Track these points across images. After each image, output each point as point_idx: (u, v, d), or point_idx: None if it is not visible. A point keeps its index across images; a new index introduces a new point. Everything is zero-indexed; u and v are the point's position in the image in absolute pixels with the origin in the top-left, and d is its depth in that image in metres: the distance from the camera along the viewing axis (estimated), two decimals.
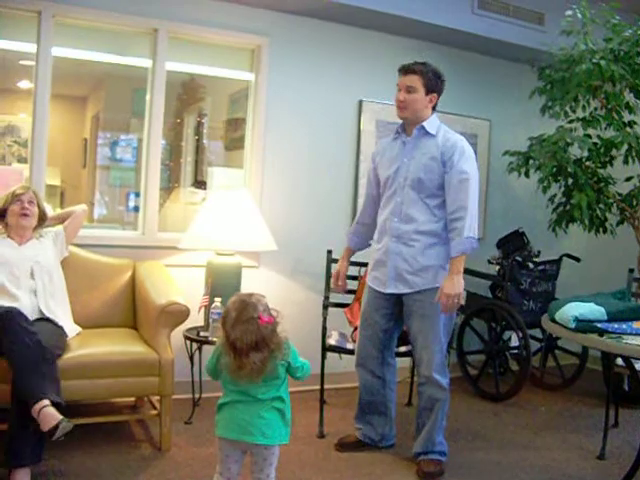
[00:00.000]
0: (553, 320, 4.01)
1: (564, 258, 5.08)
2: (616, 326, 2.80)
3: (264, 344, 2.40)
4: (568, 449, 3.83)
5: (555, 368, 5.00)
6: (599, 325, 2.85)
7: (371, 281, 3.60)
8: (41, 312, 3.35)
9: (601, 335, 2.79)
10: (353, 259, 3.82)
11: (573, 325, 2.84)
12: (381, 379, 3.65)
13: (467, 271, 4.56)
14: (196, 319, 3.86)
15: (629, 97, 4.58)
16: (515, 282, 4.88)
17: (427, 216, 3.40)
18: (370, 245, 3.72)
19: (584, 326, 2.82)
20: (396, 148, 3.54)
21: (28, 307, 3.28)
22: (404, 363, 4.17)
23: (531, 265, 5.02)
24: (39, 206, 3.58)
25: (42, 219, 3.61)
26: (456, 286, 3.27)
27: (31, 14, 4.02)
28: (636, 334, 2.73)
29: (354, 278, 3.95)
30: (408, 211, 3.41)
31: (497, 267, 5.04)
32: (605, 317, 2.87)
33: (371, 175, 3.71)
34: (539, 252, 5.05)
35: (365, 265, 3.82)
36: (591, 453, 3.75)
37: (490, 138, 5.42)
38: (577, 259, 5.13)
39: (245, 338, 2.38)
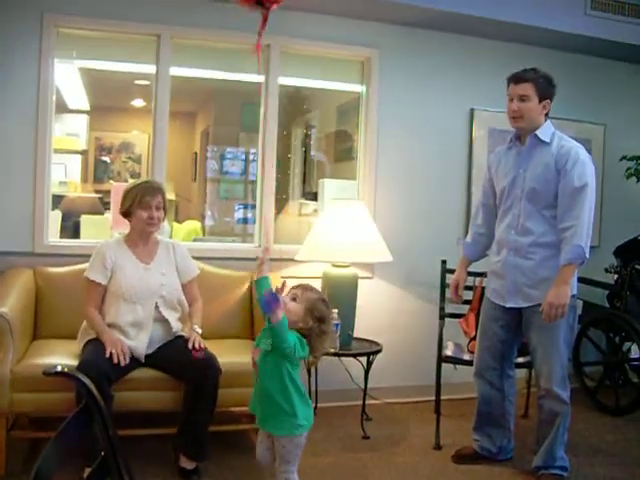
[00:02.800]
0: None
1: None
2: None
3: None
4: None
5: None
6: None
7: (490, 294, 3.57)
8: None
9: None
10: (471, 269, 3.77)
11: None
12: (500, 391, 3.60)
13: (584, 280, 4.48)
14: None
15: None
16: (635, 291, 4.71)
17: (545, 227, 3.32)
18: (487, 255, 3.69)
19: None
20: (511, 158, 3.48)
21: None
22: (520, 374, 4.08)
23: None
24: (165, 207, 3.51)
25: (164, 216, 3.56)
26: (561, 296, 3.16)
27: (150, 37, 4.19)
28: None
29: (469, 288, 3.90)
30: (525, 223, 3.35)
31: (615, 276, 4.88)
32: None
33: (487, 185, 3.67)
34: None
35: (480, 275, 3.78)
36: None
37: (605, 143, 5.26)
38: None
39: None
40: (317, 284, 4.08)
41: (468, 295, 3.90)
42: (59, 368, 1.63)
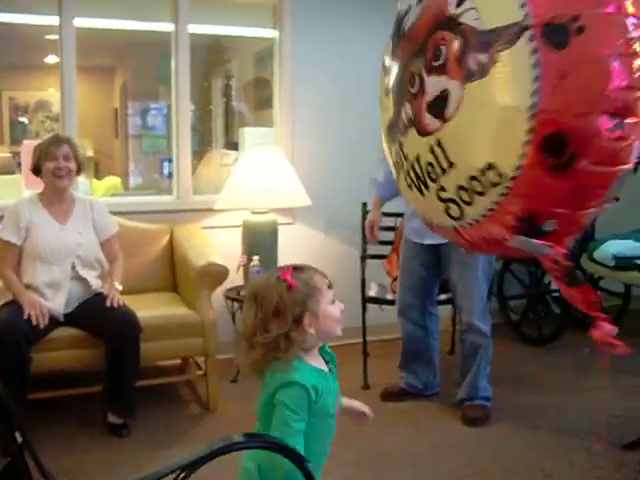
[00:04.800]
0: (592, 259, 4.02)
1: None
2: None
3: None
4: (614, 389, 3.79)
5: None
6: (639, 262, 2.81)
7: (408, 233, 3.58)
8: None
9: None
10: (389, 210, 3.79)
11: (612, 263, 2.78)
12: (423, 328, 3.65)
13: None
14: (235, 279, 3.90)
15: None
16: None
17: None
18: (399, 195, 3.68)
19: (624, 263, 2.76)
20: None
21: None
22: (446, 311, 4.15)
23: None
24: (77, 159, 3.36)
25: (79, 170, 3.44)
26: None
27: None
28: None
29: (391, 229, 3.93)
30: None
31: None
32: None
33: None
34: None
35: (401, 215, 3.78)
36: (639, 392, 3.73)
37: None
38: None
39: None
40: (238, 233, 4.07)
41: (390, 236, 3.93)
42: None
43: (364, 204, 4.05)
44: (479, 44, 1.66)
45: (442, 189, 1.75)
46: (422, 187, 1.81)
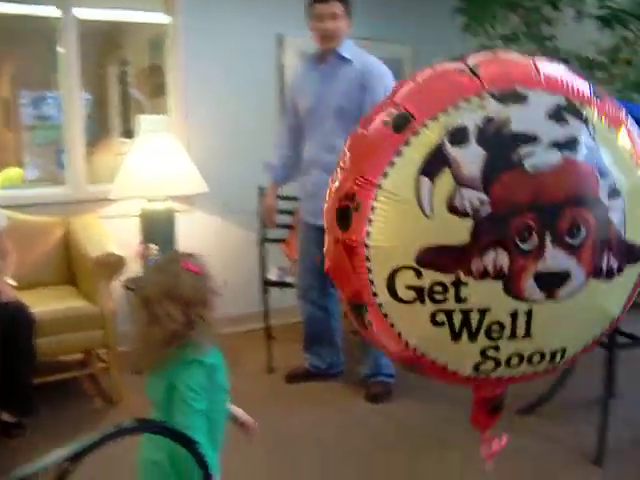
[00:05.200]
0: None
1: None
2: None
3: None
4: None
5: None
6: None
7: (304, 215, 3.60)
8: None
9: None
10: (288, 193, 3.80)
11: None
12: (323, 309, 3.68)
13: None
14: (134, 269, 3.84)
15: (547, 10, 4.59)
16: None
17: None
18: (296, 178, 3.69)
19: None
20: (314, 78, 3.48)
21: None
22: None
23: None
24: None
25: None
26: None
27: None
28: None
29: (289, 213, 3.94)
30: (334, 141, 3.31)
31: None
32: None
33: (290, 106, 3.67)
34: None
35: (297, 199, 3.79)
36: None
37: (415, 62, 5.40)
38: None
39: None
40: (136, 222, 4.01)
41: (288, 220, 3.94)
42: None
43: (260, 189, 4.06)
44: (619, 251, 1.56)
45: (496, 349, 1.57)
46: (464, 334, 1.55)
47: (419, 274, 1.51)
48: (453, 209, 1.45)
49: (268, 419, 3.15)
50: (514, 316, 1.51)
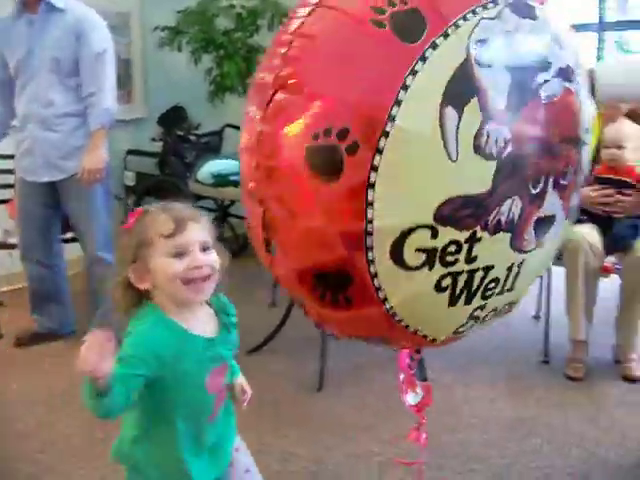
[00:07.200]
0: (196, 180, 4.44)
1: (226, 128, 5.05)
2: None
3: None
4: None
5: (232, 237, 5.01)
6: (234, 178, 3.23)
7: (22, 172, 3.36)
8: None
9: (236, 187, 2.92)
10: (4, 152, 3.56)
11: (211, 181, 2.91)
12: (49, 267, 3.48)
13: (134, 152, 4.84)
14: None
15: None
16: (179, 156, 4.83)
17: (69, 97, 3.21)
18: (8, 134, 3.40)
19: (220, 181, 2.88)
20: (22, 28, 3.19)
21: None
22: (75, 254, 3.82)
23: (193, 138, 4.95)
24: None
25: None
26: (97, 161, 3.16)
27: None
28: None
29: (9, 172, 3.59)
30: (49, 95, 3.17)
31: (161, 143, 4.91)
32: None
33: None
34: (199, 125, 5.01)
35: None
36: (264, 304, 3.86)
37: (142, 14, 5.02)
38: (238, 127, 5.10)
39: None
40: None
41: (10, 179, 3.59)
42: None
43: None
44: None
45: (482, 308, 1.36)
46: (462, 298, 1.32)
47: (435, 234, 1.22)
48: (479, 150, 1.20)
49: None
50: (509, 270, 1.35)
